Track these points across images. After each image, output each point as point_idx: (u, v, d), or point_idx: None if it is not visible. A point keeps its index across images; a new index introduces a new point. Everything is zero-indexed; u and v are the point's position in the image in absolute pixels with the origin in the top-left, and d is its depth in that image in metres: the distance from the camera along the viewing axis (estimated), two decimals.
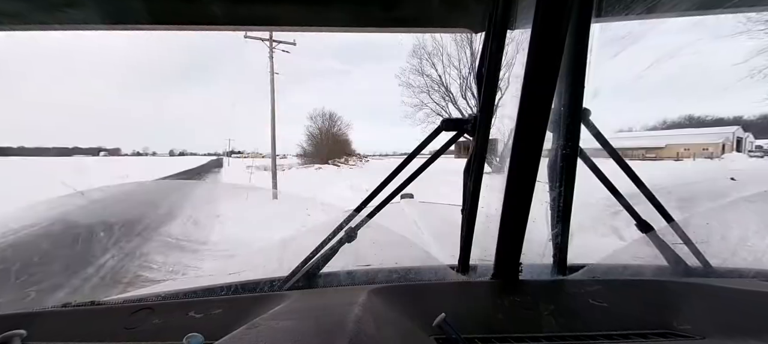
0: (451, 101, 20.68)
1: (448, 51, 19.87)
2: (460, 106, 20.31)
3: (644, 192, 0.90)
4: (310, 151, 31.56)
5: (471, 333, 0.69)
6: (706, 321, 0.69)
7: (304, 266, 0.92)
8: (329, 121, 33.41)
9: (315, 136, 32.33)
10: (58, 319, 0.78)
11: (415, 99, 21.26)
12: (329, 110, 33.50)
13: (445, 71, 20.46)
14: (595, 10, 0.78)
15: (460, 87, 20.41)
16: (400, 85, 21.45)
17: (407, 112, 22.66)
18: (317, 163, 27.60)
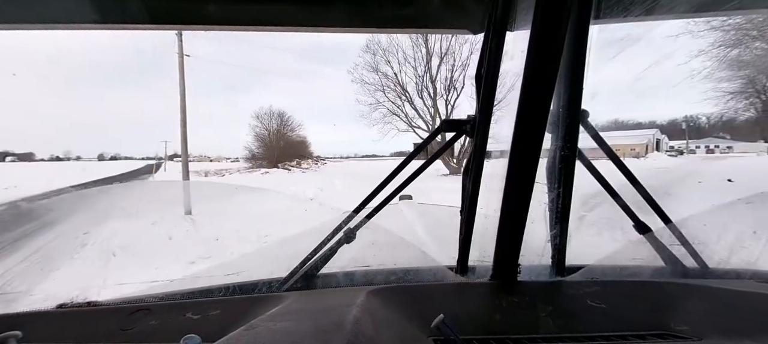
0: (407, 101, 20.16)
1: (403, 48, 19.30)
2: (416, 106, 20.03)
3: (642, 193, 0.90)
4: (260, 153, 27.60)
5: (469, 335, 0.69)
6: (704, 322, 0.69)
7: (302, 267, 0.91)
8: (279, 120, 29.35)
9: (263, 138, 28.18)
10: (54, 320, 0.78)
11: (370, 98, 20.49)
12: (279, 109, 29.35)
13: (401, 69, 19.84)
14: (594, 12, 0.79)
15: (416, 86, 19.96)
16: (353, 81, 20.55)
17: (362, 112, 21.68)
18: (265, 167, 24.83)
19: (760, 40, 10.35)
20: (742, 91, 12.94)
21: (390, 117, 20.74)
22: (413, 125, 20.59)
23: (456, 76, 19.37)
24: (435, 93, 19.84)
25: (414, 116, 20.46)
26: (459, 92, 19.56)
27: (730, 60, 11.54)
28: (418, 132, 20.35)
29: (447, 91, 19.91)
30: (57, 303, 0.84)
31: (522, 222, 0.83)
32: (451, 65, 19.18)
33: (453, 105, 19.74)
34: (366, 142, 28.39)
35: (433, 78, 19.72)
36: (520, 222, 0.83)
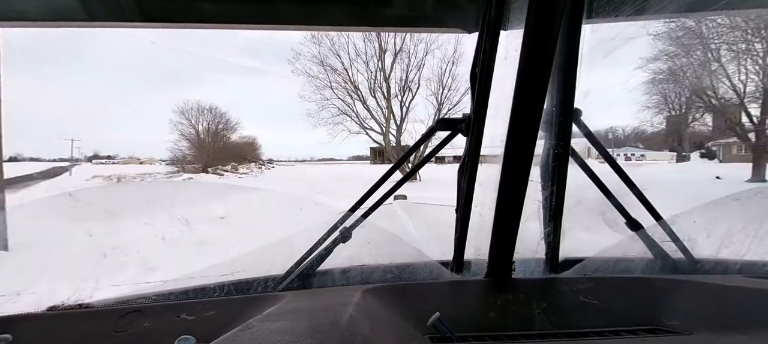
0: (359, 99, 18.02)
1: (355, 41, 17.05)
2: (369, 106, 18.15)
3: (633, 190, 0.92)
4: (188, 155, 22.65)
5: (465, 332, 0.70)
6: (694, 316, 0.71)
7: (298, 266, 0.91)
8: (210, 117, 24.29)
9: (190, 137, 23.27)
10: (45, 323, 0.76)
11: (317, 94, 18.25)
12: (209, 104, 24.30)
13: (352, 64, 17.58)
14: (586, 12, 0.80)
15: (368, 83, 17.95)
16: (294, 71, 17.59)
17: (309, 111, 19.66)
18: (190, 172, 20.43)
19: (686, 57, 11.26)
20: (656, 105, 15.10)
21: (340, 116, 18.72)
22: (365, 126, 18.82)
23: (411, 77, 18.09)
24: (389, 92, 18.08)
25: (366, 116, 18.71)
26: (414, 93, 18.33)
27: (657, 74, 12.93)
28: (370, 134, 18.90)
29: (402, 92, 18.38)
30: (47, 306, 0.82)
31: (516, 219, 0.84)
32: (405, 64, 17.77)
33: (408, 106, 18.42)
34: (324, 144, 25.33)
35: (386, 76, 17.85)
36: (515, 219, 0.84)
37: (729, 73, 11.42)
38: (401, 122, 18.53)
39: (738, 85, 11.53)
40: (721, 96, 11.99)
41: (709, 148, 24.97)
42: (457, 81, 17.68)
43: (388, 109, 18.52)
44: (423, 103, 22.90)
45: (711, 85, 11.91)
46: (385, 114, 18.55)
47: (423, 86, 18.21)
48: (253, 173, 23.70)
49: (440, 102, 17.94)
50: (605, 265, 0.95)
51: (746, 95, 11.56)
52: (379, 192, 0.95)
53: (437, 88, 17.97)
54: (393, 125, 18.49)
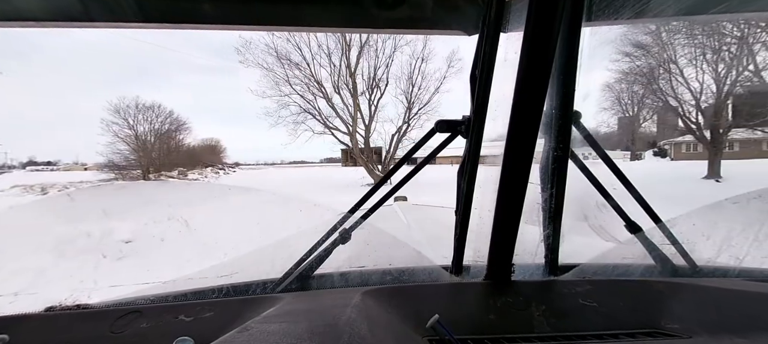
0: (323, 96, 16.04)
1: (315, 33, 14.53)
2: (334, 104, 16.18)
3: (633, 193, 0.91)
4: (130, 160, 18.95)
5: (464, 334, 0.70)
6: (693, 320, 0.71)
7: (297, 268, 0.91)
8: (152, 116, 20.55)
9: (127, 139, 19.42)
10: (42, 323, 0.76)
11: (275, 90, 15.93)
12: (151, 101, 20.75)
13: (314, 58, 15.53)
14: (586, 14, 0.80)
15: (331, 78, 15.99)
16: (243, 62, 14.96)
17: (268, 109, 17.11)
18: (131, 178, 17.81)
19: (642, 59, 11.69)
20: (611, 106, 15.92)
21: (302, 115, 16.71)
22: (330, 125, 16.88)
23: (380, 74, 16.39)
24: (355, 88, 16.25)
25: (331, 115, 16.84)
26: (383, 91, 16.68)
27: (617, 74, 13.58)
28: (336, 134, 16.94)
29: (370, 90, 16.62)
30: (45, 306, 0.82)
31: (516, 222, 0.83)
32: (373, 61, 16.10)
33: (377, 105, 16.82)
34: (295, 147, 25.50)
35: (352, 71, 15.98)
36: (514, 222, 0.83)
37: (686, 77, 12.10)
38: (370, 121, 17.06)
39: (695, 87, 12.20)
40: (680, 98, 12.62)
41: (660, 147, 26.54)
42: (427, 79, 16.72)
43: (355, 107, 16.61)
44: (392, 102, 22.11)
45: (668, 87, 12.58)
46: (351, 112, 16.73)
47: (392, 84, 17.20)
48: (206, 179, 21.10)
49: (410, 101, 16.87)
50: (604, 268, 0.95)
51: (703, 97, 12.22)
52: (379, 194, 0.95)
53: (407, 86, 16.81)
54: (361, 125, 17.06)
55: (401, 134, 17.07)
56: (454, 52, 16.14)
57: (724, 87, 11.56)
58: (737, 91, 11.54)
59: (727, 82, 11.46)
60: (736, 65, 11.05)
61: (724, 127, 12.27)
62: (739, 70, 11.04)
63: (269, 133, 18.06)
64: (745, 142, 16.71)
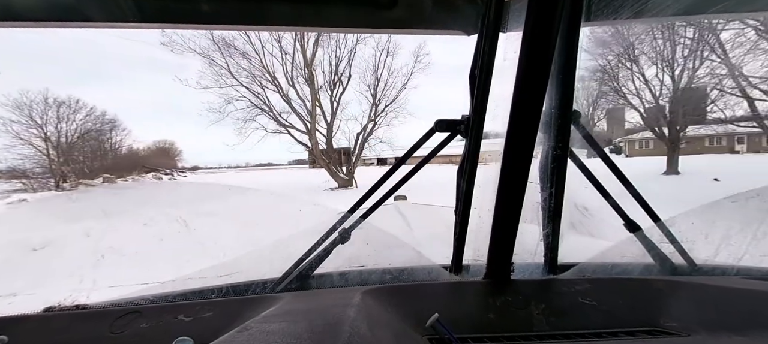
0: (276, 89, 13.98)
1: None
2: (290, 98, 14.37)
3: (632, 192, 0.92)
4: (41, 167, 14.98)
5: (464, 333, 0.70)
6: (692, 318, 0.71)
7: (296, 268, 0.91)
8: (67, 113, 16.86)
9: (34, 142, 15.51)
10: (41, 324, 0.76)
11: (220, 81, 13.51)
12: (67, 96, 16.97)
13: (264, 46, 13.57)
14: (585, 14, 0.80)
15: (283, 67, 13.92)
16: (166, 44, 12.31)
17: (211, 104, 14.21)
18: (46, 188, 13.72)
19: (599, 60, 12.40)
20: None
21: (253, 111, 14.53)
22: (284, 123, 14.79)
23: (341, 67, 14.80)
24: (312, 80, 14.41)
25: (285, 111, 14.74)
26: (345, 86, 15.11)
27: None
28: (293, 133, 15.05)
29: (332, 84, 15.00)
30: (44, 307, 0.82)
31: (515, 221, 0.84)
32: (334, 53, 14.50)
33: (339, 101, 15.26)
34: (267, 149, 23.24)
35: (308, 61, 14.16)
36: (514, 221, 0.84)
37: (646, 77, 12.49)
38: (332, 119, 15.42)
39: (655, 86, 12.61)
40: (642, 96, 12.98)
41: (616, 144, 27.55)
42: (394, 76, 15.36)
43: (313, 102, 14.71)
44: (356, 99, 20.64)
45: (627, 87, 12.97)
46: (308, 107, 14.78)
47: (356, 79, 15.99)
48: (137, 185, 14.76)
49: (376, 98, 15.44)
50: (603, 267, 0.95)
51: (662, 96, 12.64)
52: (379, 193, 0.95)
53: (372, 80, 15.29)
54: (323, 124, 15.48)
55: (367, 133, 15.62)
56: (420, 47, 15.00)
57: (680, 86, 11.98)
58: (692, 91, 12.02)
59: (683, 82, 11.91)
60: (692, 66, 11.48)
61: (682, 124, 12.71)
62: (694, 70, 11.47)
63: (234, 134, 14.07)
64: (693, 138, 17.41)
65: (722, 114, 11.66)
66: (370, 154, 16.73)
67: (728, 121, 11.99)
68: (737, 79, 10.33)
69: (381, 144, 16.24)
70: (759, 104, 10.56)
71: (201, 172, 27.55)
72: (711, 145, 21.71)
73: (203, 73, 13.80)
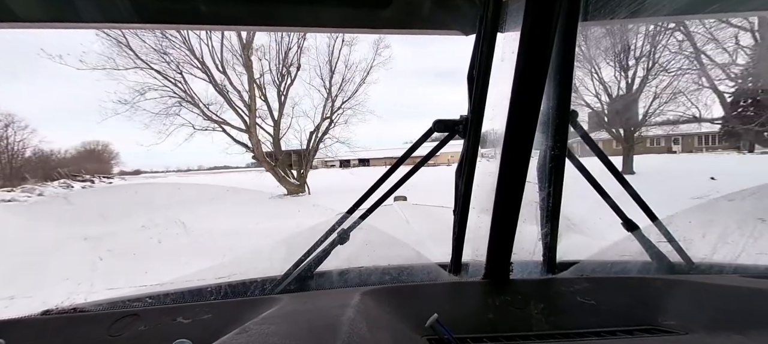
0: (207, 78, 11.41)
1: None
2: (223, 88, 11.73)
3: (629, 191, 0.92)
4: None
5: (463, 333, 0.70)
6: (690, 316, 0.71)
7: (295, 268, 0.91)
8: None
9: None
10: (38, 327, 0.76)
11: (129, 67, 10.62)
12: None
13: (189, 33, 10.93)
14: (582, 14, 0.80)
15: (209, 48, 11.39)
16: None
17: (120, 95, 10.94)
18: None
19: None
20: None
21: (176, 107, 11.81)
22: (215, 118, 12.22)
23: (290, 57, 12.61)
24: (250, 67, 12.01)
25: (216, 103, 12.17)
26: (293, 77, 12.88)
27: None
28: (229, 130, 12.49)
29: (280, 76, 12.74)
30: (41, 309, 0.81)
31: (514, 220, 0.84)
32: (284, 40, 12.15)
33: (286, 94, 13.06)
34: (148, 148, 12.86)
35: (244, 43, 11.72)
36: (512, 220, 0.84)
37: (603, 78, 12.63)
38: (279, 116, 13.23)
39: (612, 88, 12.79)
40: (600, 97, 13.12)
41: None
42: (352, 70, 13.64)
43: (251, 92, 12.13)
44: (309, 94, 17.79)
45: (584, 88, 12.99)
46: (247, 99, 12.20)
47: (309, 71, 13.86)
48: (30, 199, 11.97)
49: (330, 91, 13.48)
50: (602, 266, 0.96)
51: (615, 97, 12.78)
52: (378, 194, 0.95)
53: (326, 73, 13.41)
54: (270, 121, 13.24)
55: (322, 132, 13.71)
56: (380, 38, 13.14)
57: (635, 88, 12.21)
58: (646, 92, 12.27)
59: (636, 84, 12.13)
60: (647, 67, 11.70)
61: (637, 125, 12.98)
62: (649, 72, 11.70)
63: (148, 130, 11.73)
64: (641, 138, 17.82)
65: (667, 116, 12.29)
66: (326, 155, 15.00)
67: (674, 122, 12.66)
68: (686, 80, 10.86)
69: (338, 144, 14.47)
70: (697, 108, 11.29)
71: (143, 177, 23.90)
72: (652, 145, 23.76)
73: (103, 55, 10.20)
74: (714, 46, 9.48)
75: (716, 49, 9.53)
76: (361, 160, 29.89)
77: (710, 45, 9.51)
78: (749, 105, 12.32)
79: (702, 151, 22.70)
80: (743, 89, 10.80)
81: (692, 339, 0.65)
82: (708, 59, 9.90)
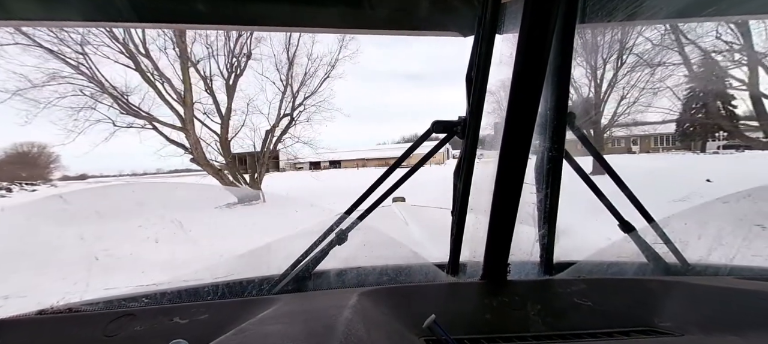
0: (132, 61, 9.31)
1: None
2: (151, 75, 9.62)
3: (626, 192, 0.93)
4: None
5: (460, 334, 0.70)
6: (686, 317, 0.72)
7: (293, 269, 0.91)
8: None
9: None
10: (33, 327, 0.75)
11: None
12: None
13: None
14: (580, 15, 0.81)
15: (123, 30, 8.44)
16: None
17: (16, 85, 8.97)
18: None
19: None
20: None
21: (85, 102, 9.53)
22: (141, 113, 9.95)
23: (241, 46, 10.90)
24: (185, 51, 9.90)
25: (134, 91, 9.98)
26: (243, 68, 11.08)
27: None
28: (160, 127, 10.22)
29: (229, 66, 10.91)
30: (36, 309, 0.81)
31: (511, 222, 0.84)
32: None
33: (234, 85, 11.06)
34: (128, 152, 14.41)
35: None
36: (510, 222, 0.84)
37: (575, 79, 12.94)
38: (227, 111, 11.05)
39: (583, 91, 13.03)
40: (570, 98, 13.91)
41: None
42: (316, 63, 12.02)
43: (186, 83, 9.90)
44: (264, 89, 15.07)
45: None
46: (182, 92, 10.03)
47: (263, 62, 12.06)
48: None
49: (291, 86, 11.75)
50: (599, 267, 0.96)
51: (586, 98, 13.00)
52: (376, 194, 0.95)
53: (283, 64, 11.58)
54: (217, 119, 11.18)
55: (281, 131, 11.98)
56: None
57: (602, 90, 12.54)
58: (614, 95, 12.64)
59: (604, 86, 12.49)
60: (614, 70, 12.04)
61: (607, 126, 13.31)
62: (615, 74, 12.04)
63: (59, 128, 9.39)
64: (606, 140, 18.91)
65: (631, 118, 12.71)
66: (296, 157, 13.41)
67: (639, 124, 13.22)
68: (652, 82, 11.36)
69: (300, 144, 12.66)
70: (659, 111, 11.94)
71: (87, 182, 19.98)
72: (613, 146, 25.01)
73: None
74: (671, 51, 9.98)
75: (673, 54, 10.02)
76: (332, 162, 28.88)
77: (667, 51, 10.04)
78: (700, 108, 13.29)
79: (658, 151, 24.71)
80: (694, 93, 11.65)
81: (688, 340, 0.66)
82: (665, 65, 10.44)
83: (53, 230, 0.91)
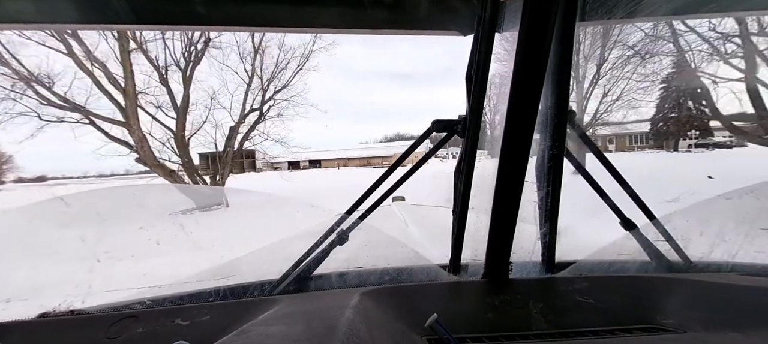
0: (64, 44, 7.57)
1: None
2: (82, 62, 7.87)
3: (627, 190, 0.92)
4: None
5: (462, 333, 0.70)
6: (688, 314, 0.71)
7: (294, 269, 0.91)
8: None
9: None
10: (35, 330, 0.75)
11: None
12: None
13: None
14: (579, 14, 0.81)
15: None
16: None
17: None
18: None
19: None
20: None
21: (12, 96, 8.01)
22: (76, 106, 8.29)
23: (199, 35, 9.31)
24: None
25: (61, 77, 8.36)
26: (200, 55, 9.75)
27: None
28: (98, 122, 8.64)
29: (186, 56, 9.51)
30: (39, 312, 0.81)
31: (513, 220, 0.84)
32: None
33: (190, 75, 9.62)
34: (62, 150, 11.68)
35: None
36: (511, 220, 0.84)
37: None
38: (183, 105, 9.67)
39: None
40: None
41: None
42: (289, 54, 10.94)
43: (126, 70, 8.52)
44: (227, 80, 14.63)
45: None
46: (122, 83, 8.58)
47: (224, 50, 10.46)
48: None
49: (259, 77, 10.64)
50: (601, 265, 0.96)
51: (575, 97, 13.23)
52: (377, 194, 0.95)
53: (248, 53, 10.48)
54: (172, 113, 9.70)
55: (244, 128, 10.77)
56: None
57: (586, 88, 12.53)
58: (595, 94, 12.69)
59: (585, 85, 12.45)
60: (597, 69, 11.98)
61: (588, 125, 13.28)
62: (598, 72, 11.98)
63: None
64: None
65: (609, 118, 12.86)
66: (276, 157, 12.62)
67: (618, 123, 13.30)
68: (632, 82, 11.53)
69: (270, 142, 11.54)
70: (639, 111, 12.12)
71: (48, 184, 18.83)
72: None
73: None
74: (652, 51, 10.01)
75: (653, 54, 10.07)
76: (311, 161, 28.26)
77: (648, 51, 10.01)
78: (673, 108, 13.60)
79: (633, 149, 25.50)
80: (668, 94, 11.89)
81: (690, 337, 0.65)
82: (645, 66, 10.58)
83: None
